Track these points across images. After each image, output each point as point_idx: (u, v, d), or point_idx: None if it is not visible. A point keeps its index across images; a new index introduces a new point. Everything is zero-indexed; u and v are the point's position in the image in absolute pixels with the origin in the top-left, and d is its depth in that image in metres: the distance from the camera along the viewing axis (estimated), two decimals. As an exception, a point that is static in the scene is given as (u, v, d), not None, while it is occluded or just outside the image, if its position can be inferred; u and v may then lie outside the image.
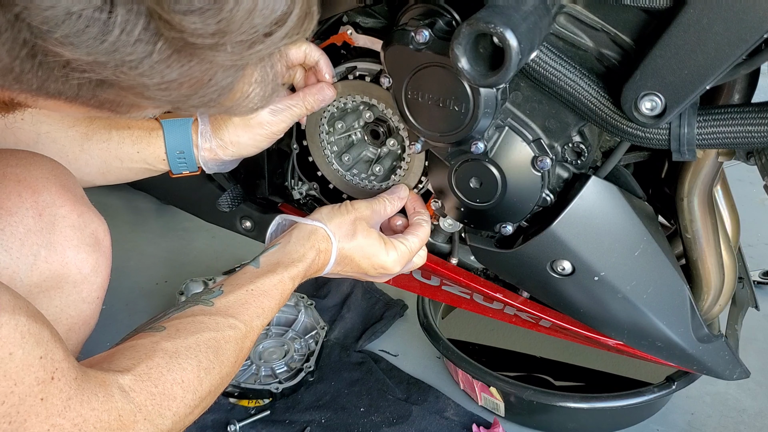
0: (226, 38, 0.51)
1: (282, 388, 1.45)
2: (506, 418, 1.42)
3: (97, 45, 0.49)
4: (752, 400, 1.46)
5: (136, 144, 1.00)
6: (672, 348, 1.10)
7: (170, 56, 0.51)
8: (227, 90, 0.57)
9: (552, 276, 1.01)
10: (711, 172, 0.99)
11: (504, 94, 0.91)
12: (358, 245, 1.00)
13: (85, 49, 0.49)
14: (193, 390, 0.78)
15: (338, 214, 1.00)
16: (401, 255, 1.01)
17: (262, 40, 0.53)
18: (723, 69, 0.78)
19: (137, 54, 0.50)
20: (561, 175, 0.99)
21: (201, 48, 0.51)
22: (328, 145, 1.09)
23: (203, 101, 0.56)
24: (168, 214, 2.13)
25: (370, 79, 1.03)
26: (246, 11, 0.50)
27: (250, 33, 0.52)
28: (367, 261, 1.01)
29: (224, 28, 0.50)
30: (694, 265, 1.07)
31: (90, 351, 1.58)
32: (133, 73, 0.51)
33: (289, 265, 0.94)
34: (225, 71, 0.55)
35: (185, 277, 1.71)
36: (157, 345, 0.78)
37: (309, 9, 0.56)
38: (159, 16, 0.49)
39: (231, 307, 0.87)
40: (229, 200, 1.22)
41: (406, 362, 1.57)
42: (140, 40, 0.49)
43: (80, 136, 0.99)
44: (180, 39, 0.50)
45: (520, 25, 0.77)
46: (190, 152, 1.01)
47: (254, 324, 0.88)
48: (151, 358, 0.76)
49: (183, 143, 1.00)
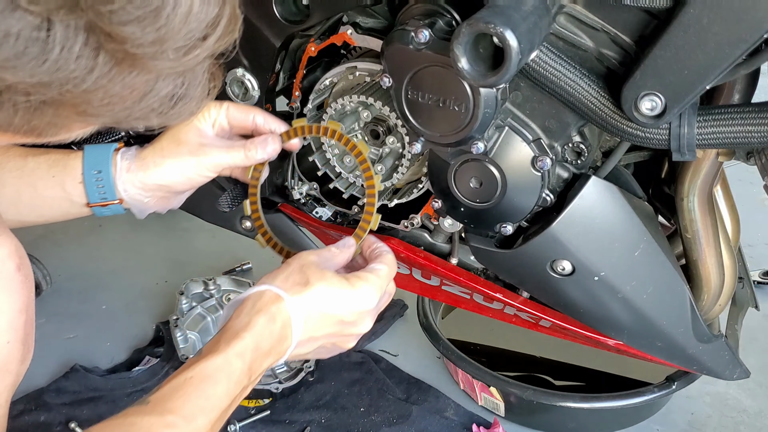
0: (166, 45, 0.51)
1: (282, 387, 1.45)
2: (506, 418, 1.42)
3: (39, 65, 0.48)
4: (752, 400, 1.46)
5: (53, 168, 0.93)
6: (672, 348, 1.10)
7: (112, 69, 0.51)
8: (167, 99, 0.57)
9: (552, 276, 1.01)
10: (711, 172, 0.99)
11: (504, 94, 0.91)
12: (316, 291, 0.84)
13: (28, 71, 0.48)
14: None
15: (282, 270, 0.87)
16: (371, 282, 0.88)
17: (199, 45, 0.54)
18: (723, 69, 0.78)
19: (80, 70, 0.49)
20: (561, 175, 0.99)
21: (142, 58, 0.51)
22: (329, 148, 1.09)
23: (144, 112, 0.56)
24: (168, 214, 2.10)
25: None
26: (183, 16, 0.51)
27: (187, 38, 0.52)
28: (336, 304, 0.86)
29: (163, 36, 0.50)
30: (694, 265, 1.07)
31: (91, 351, 1.59)
32: (78, 90, 0.50)
33: (231, 339, 0.78)
34: (165, 79, 0.55)
35: (185, 277, 1.71)
36: None
37: (234, 12, 0.57)
38: (99, 29, 0.48)
39: (167, 400, 0.73)
40: (229, 200, 1.21)
41: (406, 362, 1.57)
42: (81, 56, 0.49)
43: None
44: (121, 50, 0.50)
45: (520, 25, 0.77)
46: (108, 172, 0.93)
47: (198, 423, 0.73)
48: None
49: (101, 162, 0.93)
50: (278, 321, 0.82)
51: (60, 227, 2.00)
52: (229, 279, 1.70)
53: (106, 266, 1.91)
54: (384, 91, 1.01)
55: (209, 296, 1.65)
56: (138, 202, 0.98)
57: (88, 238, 2.02)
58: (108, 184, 0.94)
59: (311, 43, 1.09)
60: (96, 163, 0.93)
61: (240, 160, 0.97)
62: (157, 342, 1.61)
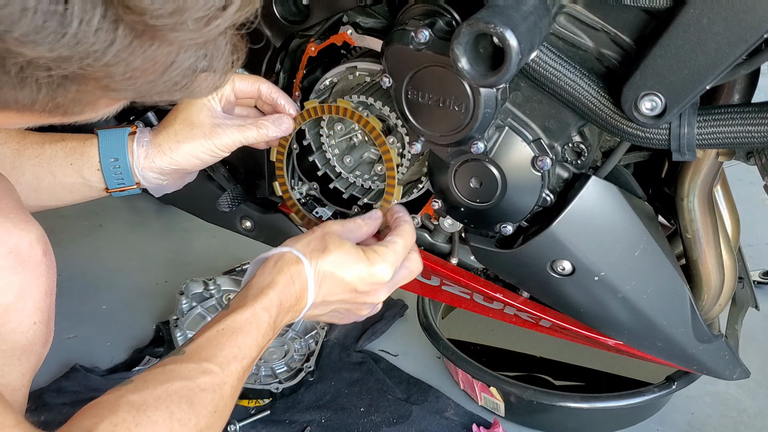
0: (185, 15, 0.50)
1: (282, 388, 1.45)
2: (506, 418, 1.42)
3: (59, 39, 0.47)
4: (752, 400, 1.46)
5: (70, 155, 0.96)
6: (672, 348, 1.10)
7: (132, 42, 0.50)
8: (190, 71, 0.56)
9: (552, 276, 1.01)
10: (711, 172, 0.99)
11: (504, 94, 0.91)
12: (333, 259, 0.91)
13: (47, 45, 0.47)
14: None
15: (305, 235, 0.94)
16: (386, 258, 0.93)
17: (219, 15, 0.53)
18: (723, 69, 0.78)
19: (100, 44, 0.49)
20: (561, 175, 0.99)
21: (161, 29, 0.50)
22: (330, 147, 1.09)
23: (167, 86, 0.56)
24: (168, 214, 2.12)
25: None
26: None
27: (206, 8, 0.51)
28: (350, 273, 0.91)
29: (182, 6, 0.50)
30: (694, 265, 1.07)
31: (91, 351, 1.59)
32: (99, 64, 0.50)
33: (258, 295, 0.85)
34: (186, 51, 0.54)
35: (185, 277, 1.71)
36: (121, 399, 0.71)
37: None
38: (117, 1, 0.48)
39: (202, 349, 0.79)
40: (229, 200, 1.22)
41: (406, 362, 1.57)
42: (101, 29, 0.48)
43: (12, 153, 0.95)
44: (140, 22, 0.50)
45: (520, 25, 0.77)
46: (125, 159, 0.96)
47: (231, 369, 0.79)
48: (115, 414, 0.69)
49: (117, 149, 0.96)
50: (297, 282, 0.88)
51: (60, 227, 2.01)
52: (229, 279, 1.70)
53: (106, 266, 1.91)
54: (384, 91, 1.01)
55: (209, 296, 1.65)
56: (155, 185, 1.00)
57: (88, 238, 2.02)
58: (126, 170, 0.96)
59: (311, 43, 1.09)
60: (112, 151, 0.96)
61: (253, 138, 0.99)
62: (157, 342, 1.60)
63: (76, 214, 2.07)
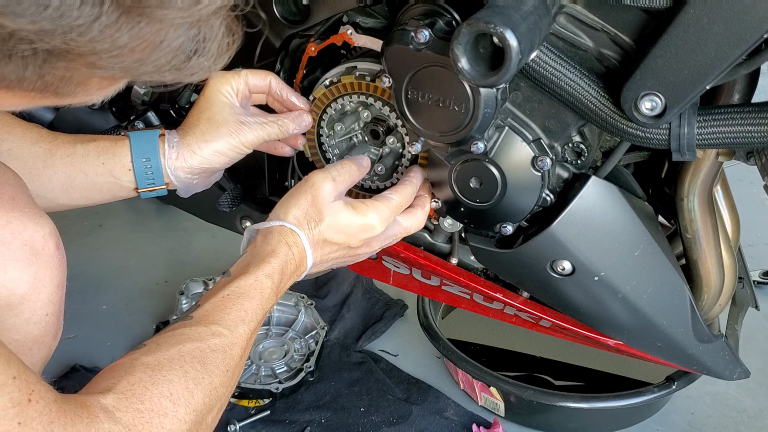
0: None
1: (282, 388, 1.45)
2: (506, 418, 1.42)
3: (41, 12, 0.46)
4: (752, 400, 1.46)
5: (101, 155, 0.97)
6: (672, 348, 1.10)
7: (119, 18, 0.49)
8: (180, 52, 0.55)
9: (552, 276, 1.01)
10: (711, 172, 0.99)
11: (504, 94, 0.91)
12: (326, 226, 0.94)
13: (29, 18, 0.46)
14: (185, 403, 0.72)
15: (294, 204, 0.95)
16: (379, 214, 0.96)
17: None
18: (723, 69, 0.78)
19: (84, 18, 0.48)
20: (561, 175, 0.99)
21: (149, 6, 0.49)
22: (330, 148, 1.09)
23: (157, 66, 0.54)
24: (168, 214, 2.13)
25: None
26: None
27: None
28: (344, 234, 0.95)
29: None
30: (694, 265, 1.07)
31: (92, 351, 1.59)
32: (84, 39, 0.49)
33: (260, 263, 0.88)
34: (176, 30, 0.53)
35: (185, 277, 1.71)
36: (136, 361, 0.73)
37: None
38: None
39: (209, 314, 0.81)
40: (229, 200, 1.22)
41: (406, 362, 1.58)
42: (86, 3, 0.47)
43: (44, 152, 0.96)
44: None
45: (520, 25, 0.77)
46: (157, 159, 0.98)
47: (239, 331, 0.82)
48: (131, 374, 0.71)
49: (149, 150, 0.98)
50: (295, 250, 0.92)
51: (60, 227, 2.00)
52: (229, 279, 1.70)
53: (106, 266, 1.91)
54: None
55: (209, 296, 1.65)
56: (185, 184, 1.02)
57: (88, 238, 2.02)
58: (157, 171, 0.99)
59: (311, 43, 1.09)
60: (144, 151, 0.98)
61: (275, 134, 1.02)
62: (157, 342, 1.60)
63: (76, 214, 2.06)
